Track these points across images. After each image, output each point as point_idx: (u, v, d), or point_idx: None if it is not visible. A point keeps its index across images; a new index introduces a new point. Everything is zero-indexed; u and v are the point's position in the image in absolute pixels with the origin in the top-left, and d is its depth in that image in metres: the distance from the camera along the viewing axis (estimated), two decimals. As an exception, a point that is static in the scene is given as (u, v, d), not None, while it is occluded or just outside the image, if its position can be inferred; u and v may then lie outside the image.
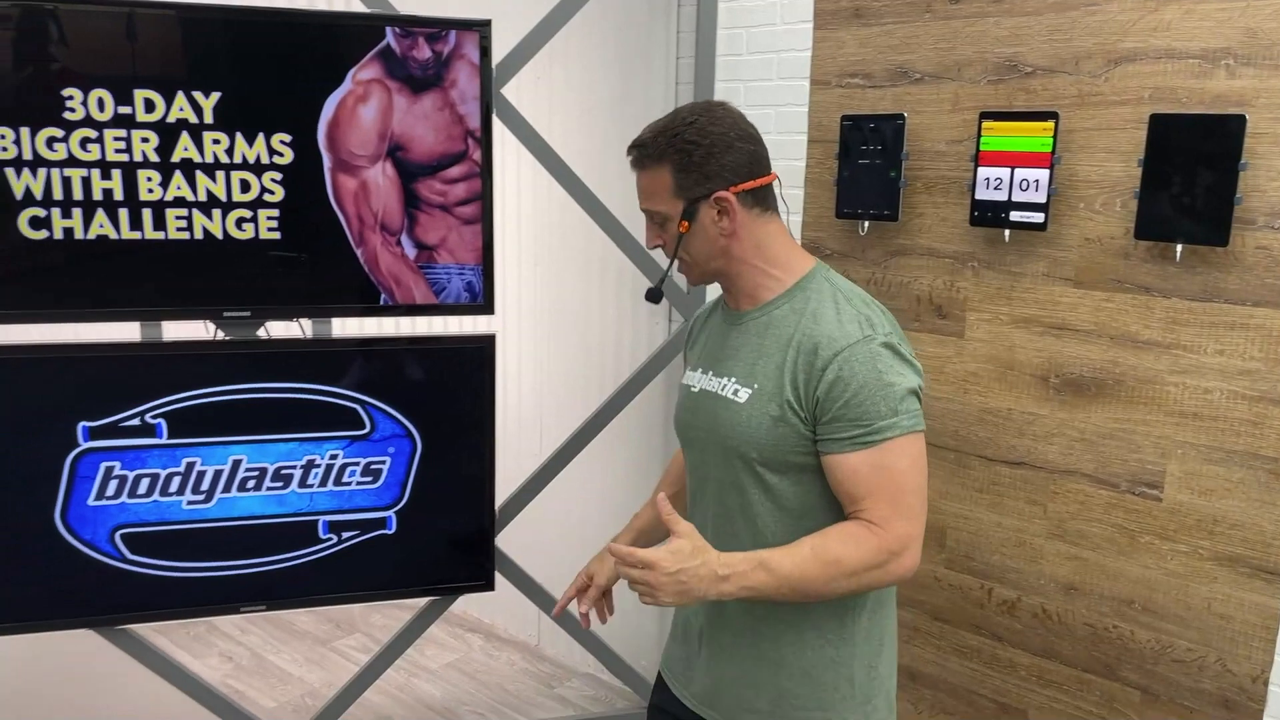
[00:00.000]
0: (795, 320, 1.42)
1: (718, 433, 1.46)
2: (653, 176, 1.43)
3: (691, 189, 1.41)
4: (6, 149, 2.14)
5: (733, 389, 1.45)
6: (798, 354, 1.39)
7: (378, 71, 2.31)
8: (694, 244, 1.45)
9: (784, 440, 1.39)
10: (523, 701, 3.04)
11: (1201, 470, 1.98)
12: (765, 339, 1.44)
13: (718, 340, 1.54)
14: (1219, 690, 2.02)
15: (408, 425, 2.51)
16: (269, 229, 2.33)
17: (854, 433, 1.35)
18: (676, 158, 1.41)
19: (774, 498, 1.43)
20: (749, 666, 1.51)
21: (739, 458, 1.43)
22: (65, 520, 2.33)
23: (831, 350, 1.36)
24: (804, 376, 1.38)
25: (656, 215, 1.45)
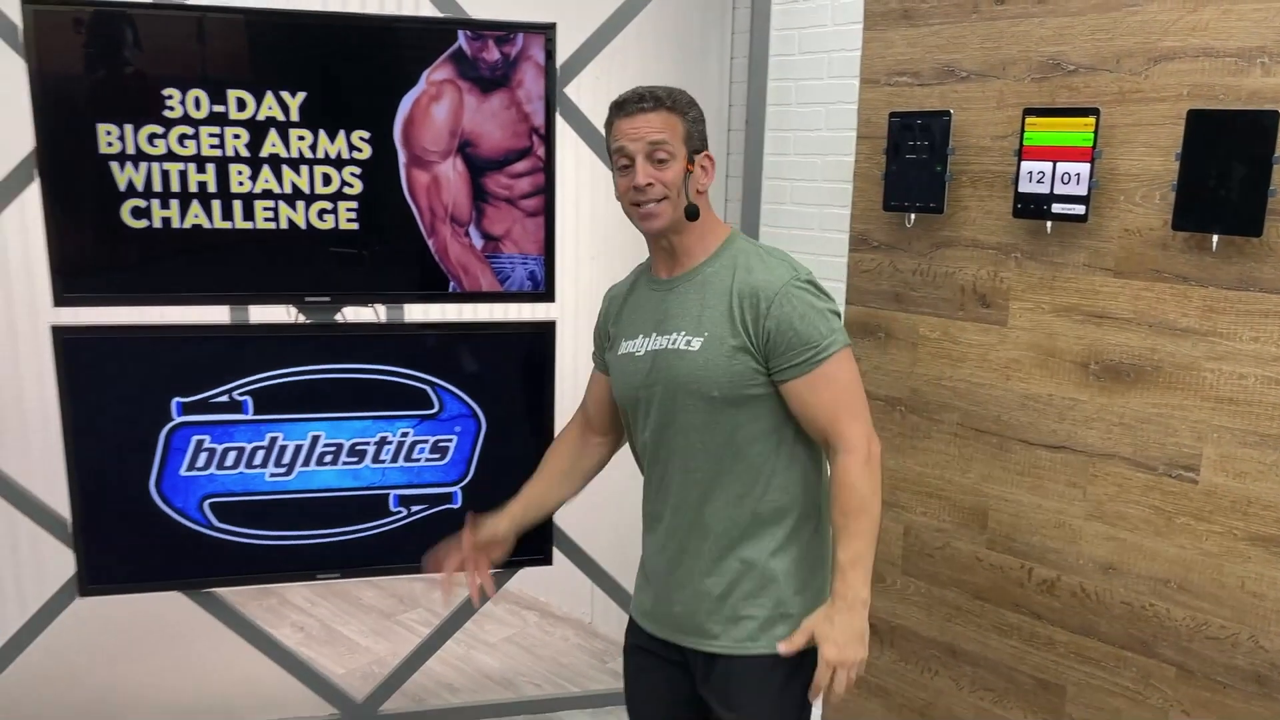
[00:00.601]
0: (729, 274, 1.64)
1: (676, 380, 1.64)
2: (667, 119, 1.62)
3: (694, 142, 1.65)
4: (112, 144, 2.33)
5: (684, 340, 1.64)
6: (741, 300, 1.61)
7: (450, 72, 2.46)
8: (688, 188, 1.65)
9: (739, 376, 1.61)
10: (576, 674, 3.18)
11: (1236, 454, 2.05)
12: (705, 294, 1.65)
13: (651, 307, 1.73)
14: (1251, 666, 2.09)
15: (473, 406, 2.66)
16: (348, 220, 2.49)
17: (805, 356, 1.61)
18: (687, 113, 1.64)
19: (733, 428, 1.65)
20: (712, 581, 1.70)
21: (701, 398, 1.63)
22: (159, 489, 2.52)
23: (771, 292, 1.60)
24: (750, 316, 1.60)
25: (665, 149, 1.62)
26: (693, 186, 1.65)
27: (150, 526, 2.53)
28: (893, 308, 2.55)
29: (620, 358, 1.76)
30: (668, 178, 1.62)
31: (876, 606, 2.70)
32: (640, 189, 1.62)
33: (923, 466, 2.55)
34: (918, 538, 2.58)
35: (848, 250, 2.62)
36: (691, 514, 1.70)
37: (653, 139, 1.62)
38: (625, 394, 1.75)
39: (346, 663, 3.17)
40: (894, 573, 2.65)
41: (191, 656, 2.99)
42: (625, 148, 1.63)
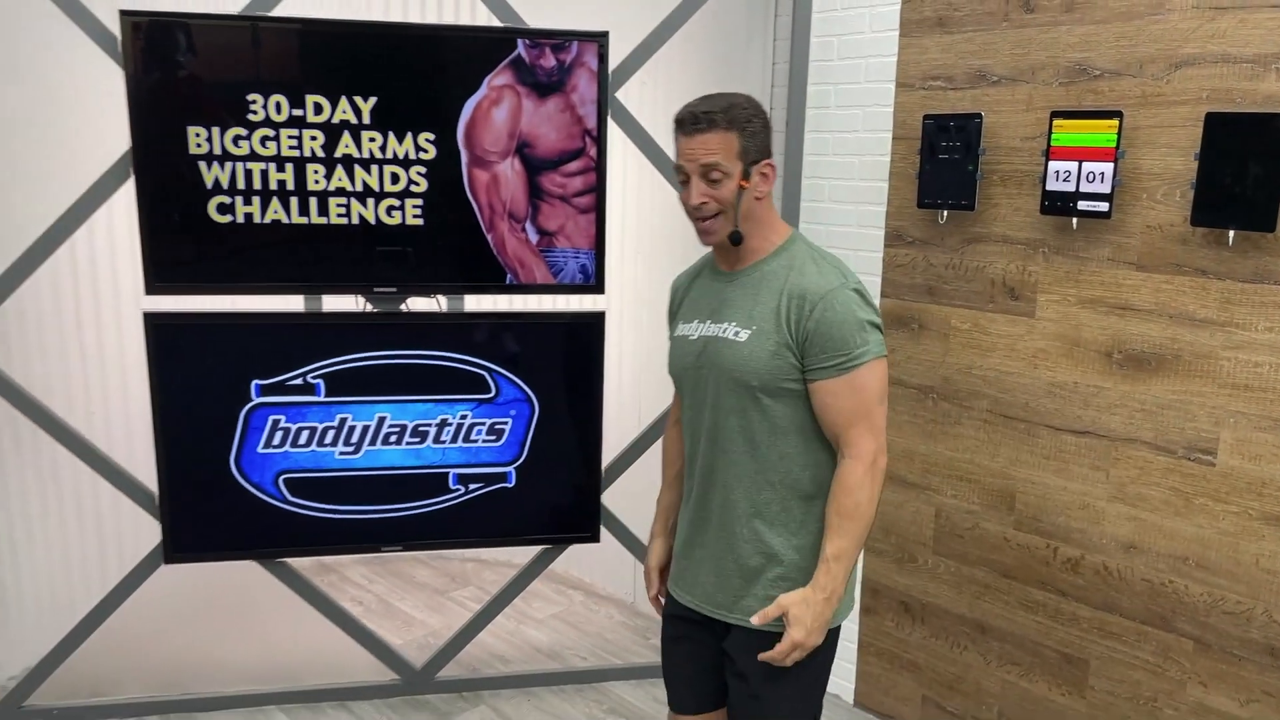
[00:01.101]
0: (784, 274, 1.74)
1: (722, 367, 1.76)
2: (723, 138, 1.70)
3: (751, 154, 1.73)
4: (201, 145, 2.53)
5: (733, 331, 1.76)
6: (789, 300, 1.71)
7: (509, 78, 2.63)
8: (742, 201, 1.74)
9: (779, 370, 1.71)
10: (620, 648, 3.35)
11: (1252, 437, 2.17)
12: (760, 290, 1.75)
13: (710, 296, 1.84)
14: (1265, 639, 2.20)
15: (527, 391, 2.83)
16: (414, 216, 2.67)
17: (836, 360, 1.68)
18: (746, 126, 1.71)
19: (768, 418, 1.75)
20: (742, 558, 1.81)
21: (742, 386, 1.74)
22: (239, 465, 2.72)
23: (817, 295, 1.69)
24: (795, 317, 1.70)
25: (718, 170, 1.71)
26: (749, 197, 1.74)
27: (229, 500, 2.73)
28: (926, 300, 2.69)
29: (676, 339, 1.90)
30: (721, 195, 1.72)
31: (908, 584, 2.84)
32: (695, 208, 1.75)
33: (953, 451, 2.68)
34: (948, 519, 2.72)
35: (883, 246, 2.76)
36: (722, 492, 1.83)
37: (705, 161, 1.72)
38: (676, 372, 1.89)
39: (402, 634, 3.35)
40: (925, 552, 2.78)
41: (263, 623, 3.18)
42: (683, 166, 1.75)
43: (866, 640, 2.98)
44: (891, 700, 2.94)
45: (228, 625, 3.24)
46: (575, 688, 3.11)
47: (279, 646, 3.14)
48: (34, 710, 2.83)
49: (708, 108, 1.72)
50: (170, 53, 2.48)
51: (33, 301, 2.91)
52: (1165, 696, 2.37)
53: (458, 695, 3.04)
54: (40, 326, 2.95)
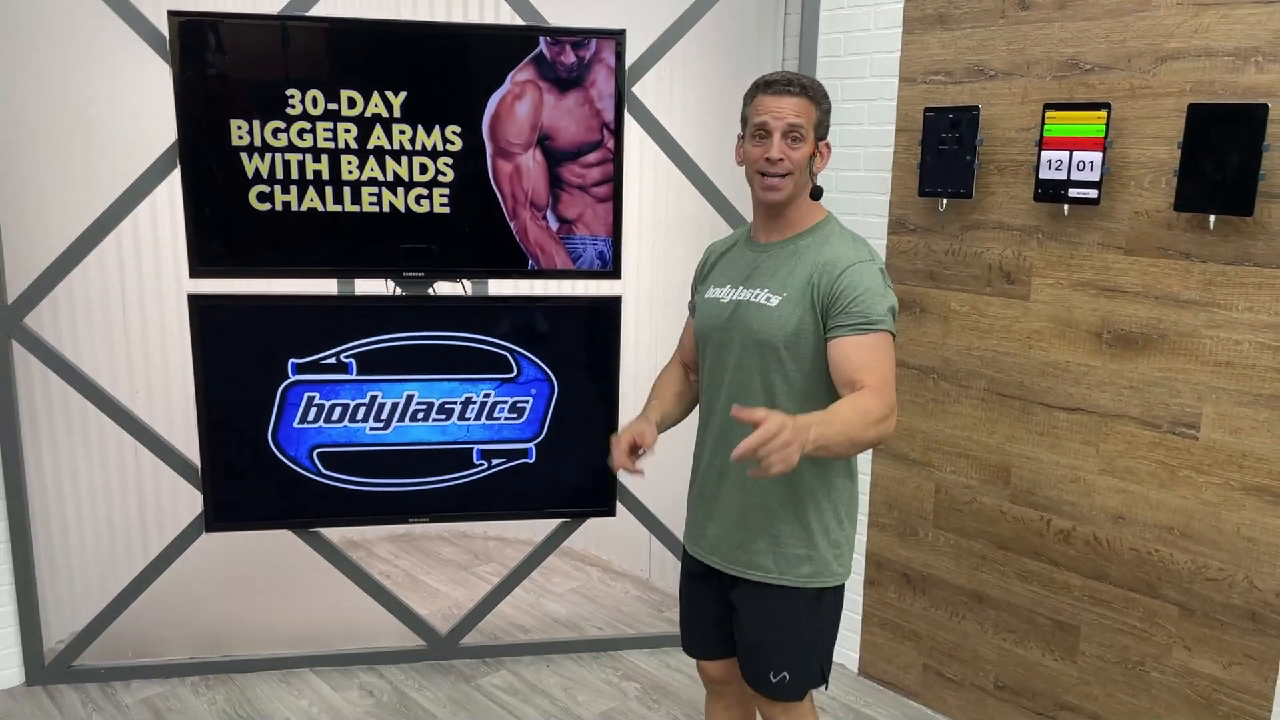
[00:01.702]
0: (818, 248, 1.87)
1: (750, 328, 1.88)
2: (808, 106, 1.84)
3: (822, 130, 1.89)
4: (242, 137, 2.69)
5: (765, 296, 1.88)
6: (820, 269, 1.83)
7: (531, 74, 2.78)
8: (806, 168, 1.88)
9: (803, 332, 1.83)
10: (635, 620, 3.49)
11: (1233, 412, 2.29)
12: (794, 261, 1.88)
13: (744, 264, 1.96)
14: (1246, 605, 2.32)
15: (547, 371, 2.98)
16: (441, 204, 2.83)
17: (856, 322, 1.79)
18: (822, 104, 1.87)
19: (788, 379, 1.87)
20: (751, 515, 1.92)
21: (767, 347, 1.86)
22: (276, 439, 2.88)
23: (846, 264, 1.82)
24: (823, 283, 1.82)
25: (799, 132, 1.83)
26: (815, 168, 1.89)
27: (266, 472, 2.90)
28: (927, 285, 2.82)
29: (706, 300, 2.01)
30: (797, 157, 1.85)
31: (910, 556, 2.97)
32: (772, 161, 1.85)
33: (953, 429, 2.81)
34: (948, 494, 2.85)
35: (887, 233, 2.89)
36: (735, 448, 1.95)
37: (792, 121, 1.84)
38: (704, 331, 2.00)
39: (428, 605, 3.51)
40: (925, 526, 2.91)
41: (297, 590, 3.35)
42: (767, 123, 1.84)
43: (870, 611, 3.11)
44: (894, 669, 3.08)
45: (264, 592, 3.41)
46: (591, 655, 3.26)
47: (312, 613, 3.30)
48: (83, 669, 3.01)
49: (798, 77, 1.87)
50: (214, 51, 2.65)
51: (83, 285, 3.09)
52: (1152, 660, 2.49)
53: (480, 661, 3.20)
54: (90, 309, 3.13)
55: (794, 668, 1.95)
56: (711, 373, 2.00)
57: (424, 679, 3.09)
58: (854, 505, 1.99)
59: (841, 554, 1.96)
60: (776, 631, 1.94)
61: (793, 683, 1.94)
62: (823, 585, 1.94)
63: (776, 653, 1.95)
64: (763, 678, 1.95)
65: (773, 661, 1.95)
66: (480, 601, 3.24)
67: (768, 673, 1.94)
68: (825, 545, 1.92)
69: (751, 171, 1.89)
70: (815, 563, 1.92)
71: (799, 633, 1.95)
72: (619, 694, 3.03)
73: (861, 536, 3.09)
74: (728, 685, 2.15)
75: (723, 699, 2.19)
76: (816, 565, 1.92)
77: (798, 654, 1.95)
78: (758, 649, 1.95)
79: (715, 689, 2.18)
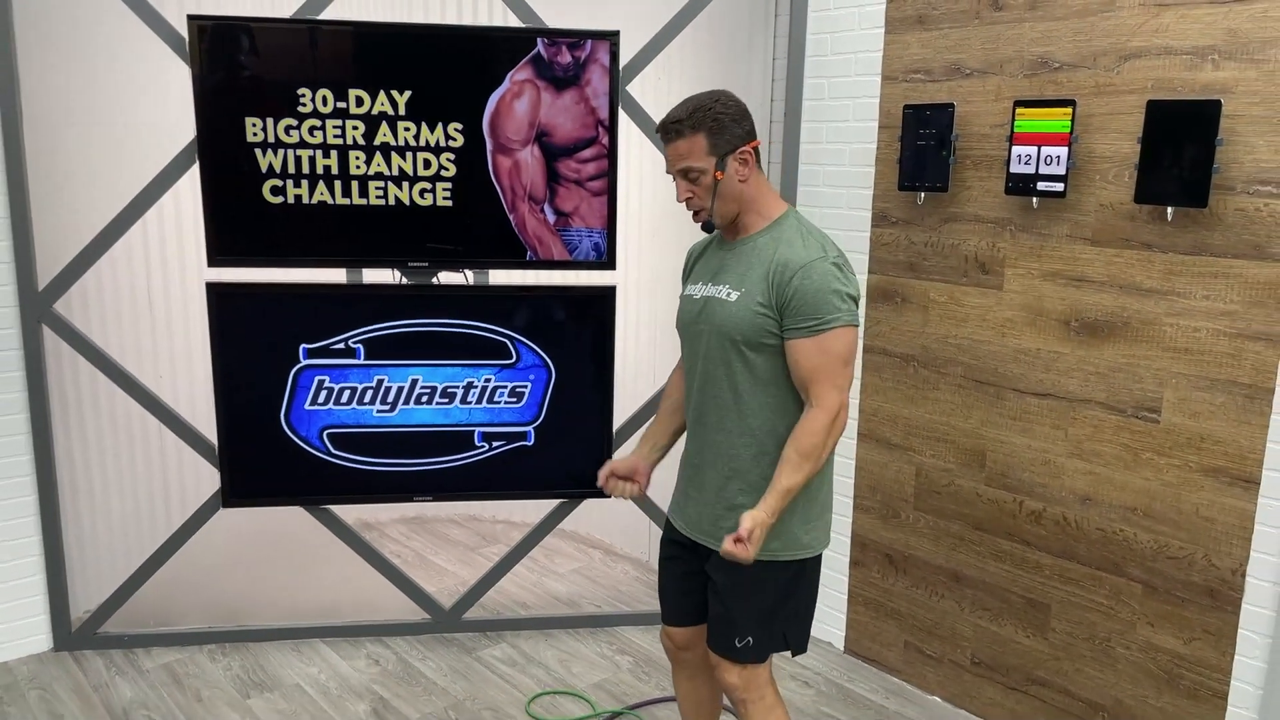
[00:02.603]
0: (773, 246, 1.98)
1: (713, 322, 2.02)
2: (691, 142, 1.95)
3: (723, 147, 1.96)
4: (257, 134, 2.86)
5: (726, 292, 2.01)
6: (773, 268, 1.95)
7: (529, 73, 2.92)
8: (723, 189, 1.98)
9: (760, 327, 1.96)
10: (632, 599, 3.63)
11: (1191, 396, 2.38)
12: (751, 258, 2.00)
13: (715, 262, 2.10)
14: (1205, 582, 2.42)
15: (545, 357, 3.12)
16: (444, 198, 2.98)
17: (809, 323, 1.91)
18: (712, 124, 1.95)
19: (750, 368, 2.00)
20: (722, 495, 2.06)
21: (728, 339, 2.00)
22: (288, 420, 3.05)
23: (797, 265, 1.92)
24: (777, 282, 1.94)
25: (693, 172, 1.96)
26: (731, 183, 1.98)
27: (280, 451, 3.07)
28: (907, 276, 2.93)
29: (683, 298, 2.17)
30: (700, 189, 1.99)
31: (892, 538, 3.08)
32: (686, 204, 2.03)
33: (931, 414, 2.92)
34: (927, 477, 2.96)
35: (870, 226, 3.01)
36: (711, 434, 2.08)
37: (680, 166, 1.99)
38: (680, 326, 2.16)
39: (436, 583, 3.67)
40: (906, 508, 3.02)
41: (309, 565, 3.52)
42: (670, 170, 2.03)
43: (855, 591, 3.23)
44: (877, 646, 3.19)
45: (277, 566, 3.58)
46: (588, 631, 3.40)
47: (322, 586, 3.47)
48: (107, 636, 3.20)
49: (676, 116, 1.97)
50: (231, 52, 2.82)
51: (110, 273, 3.27)
52: (1118, 636, 2.59)
53: (482, 634, 3.35)
54: (116, 295, 3.31)
55: (758, 634, 2.07)
56: (688, 364, 2.15)
57: (427, 650, 3.25)
58: (826, 482, 2.10)
59: (812, 528, 2.07)
60: (745, 600, 2.06)
61: (755, 647, 2.07)
62: (791, 558, 2.05)
63: (744, 620, 2.06)
64: (728, 643, 2.07)
65: (738, 628, 2.07)
66: (482, 578, 3.39)
67: (733, 638, 2.07)
68: (793, 520, 2.04)
69: None
70: (783, 536, 2.03)
71: (766, 602, 2.07)
72: (612, 666, 3.17)
73: (847, 519, 3.20)
74: (689, 653, 2.28)
75: (685, 668, 2.32)
76: (785, 539, 2.04)
77: (764, 622, 2.07)
78: (727, 616, 2.07)
79: (678, 657, 2.31)
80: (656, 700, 2.98)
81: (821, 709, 2.97)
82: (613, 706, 2.95)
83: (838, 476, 3.20)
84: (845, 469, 3.19)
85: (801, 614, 2.13)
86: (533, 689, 3.03)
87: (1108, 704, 2.63)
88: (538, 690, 3.03)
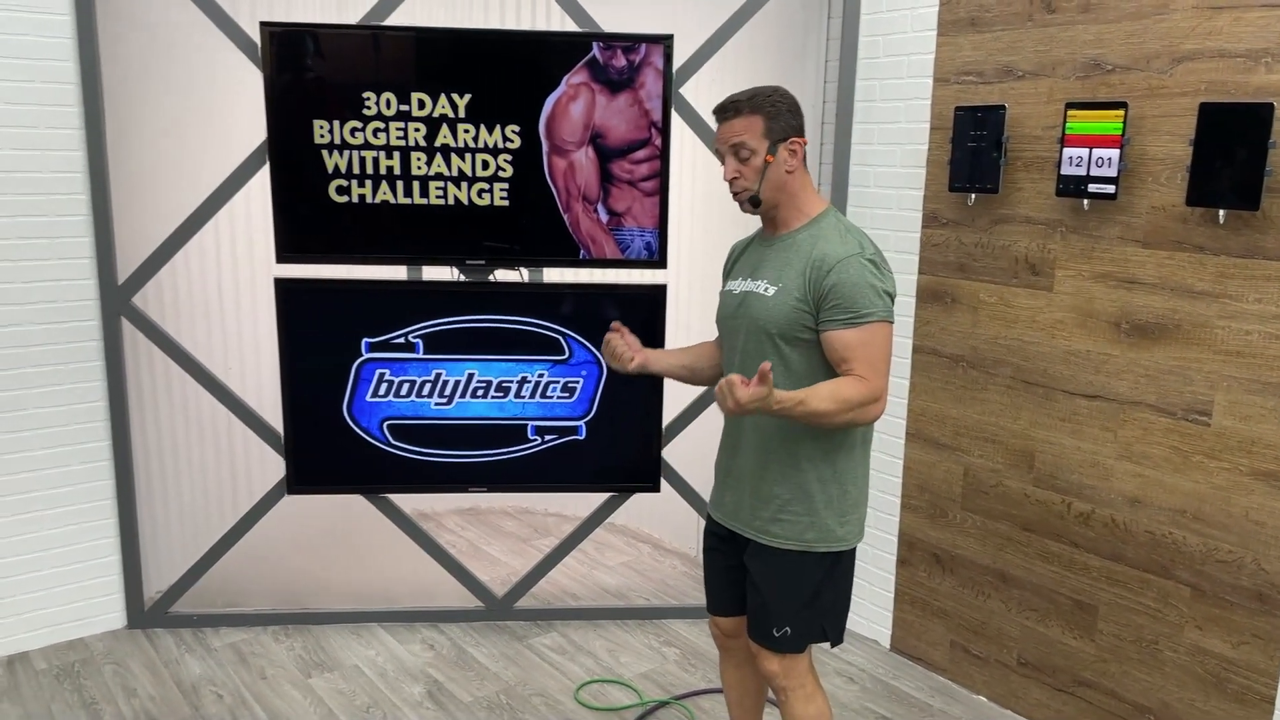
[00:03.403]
0: (812, 242, 2.03)
1: (751, 316, 2.07)
2: (748, 121, 2.01)
3: (777, 133, 2.02)
4: (324, 136, 2.97)
5: (764, 287, 2.06)
6: (811, 263, 2.00)
7: (585, 77, 3.00)
8: (771, 174, 2.03)
9: (796, 321, 2.00)
10: (680, 593, 3.69)
11: (1243, 399, 2.37)
12: (790, 254, 2.05)
13: (755, 258, 2.15)
14: (1255, 586, 2.40)
15: (597, 354, 3.20)
16: (501, 198, 3.07)
17: (845, 315, 1.95)
18: (770, 109, 2.01)
19: (785, 361, 2.04)
20: (761, 484, 2.10)
21: (764, 333, 2.04)
22: (350, 411, 3.16)
23: (834, 260, 1.96)
24: (814, 277, 1.98)
25: (744, 150, 2.01)
26: (778, 170, 2.04)
27: (342, 441, 3.19)
28: (957, 276, 2.95)
29: (724, 293, 2.23)
30: (749, 170, 2.03)
31: (939, 537, 3.10)
32: (731, 183, 2.07)
33: (980, 415, 2.93)
34: (975, 477, 2.97)
35: (920, 227, 3.03)
36: (749, 426, 2.13)
37: (733, 141, 2.03)
38: (719, 320, 2.23)
39: (489, 573, 3.77)
40: (955, 508, 3.04)
41: (368, 552, 3.64)
42: (720, 149, 2.08)
43: (902, 589, 3.25)
44: (923, 645, 3.21)
45: (338, 552, 3.71)
46: (636, 622, 3.47)
47: (381, 573, 3.59)
48: (178, 615, 3.35)
49: (736, 97, 2.04)
50: (300, 57, 2.94)
51: (184, 270, 3.42)
52: (1165, 639, 2.59)
53: (533, 623, 3.44)
54: (189, 290, 3.46)
55: (796, 624, 2.11)
56: (727, 357, 2.20)
57: (480, 636, 3.34)
58: (860, 476, 2.14)
59: (846, 522, 2.11)
60: (782, 591, 2.11)
61: (794, 637, 2.11)
62: (826, 550, 2.09)
63: (782, 610, 2.12)
64: (766, 632, 2.13)
65: (777, 618, 2.12)
66: (534, 568, 3.48)
67: (771, 628, 2.12)
68: (828, 513, 2.08)
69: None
70: (818, 529, 2.08)
71: (802, 593, 2.12)
72: (659, 657, 3.24)
73: (894, 518, 3.23)
74: (735, 641, 2.33)
75: (733, 656, 2.38)
76: (820, 531, 2.08)
77: (801, 612, 2.12)
78: (765, 606, 2.13)
79: (726, 645, 2.37)
80: (702, 692, 3.04)
81: (866, 705, 3.00)
82: (659, 696, 3.01)
83: (885, 475, 3.23)
84: (893, 468, 3.21)
85: (838, 606, 2.18)
86: (581, 677, 3.11)
87: (1154, 707, 2.63)
88: (586, 678, 3.10)
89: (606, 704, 2.98)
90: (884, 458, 3.22)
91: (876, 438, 3.19)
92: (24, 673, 3.06)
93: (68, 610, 3.24)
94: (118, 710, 2.88)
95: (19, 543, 3.13)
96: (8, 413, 3.04)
